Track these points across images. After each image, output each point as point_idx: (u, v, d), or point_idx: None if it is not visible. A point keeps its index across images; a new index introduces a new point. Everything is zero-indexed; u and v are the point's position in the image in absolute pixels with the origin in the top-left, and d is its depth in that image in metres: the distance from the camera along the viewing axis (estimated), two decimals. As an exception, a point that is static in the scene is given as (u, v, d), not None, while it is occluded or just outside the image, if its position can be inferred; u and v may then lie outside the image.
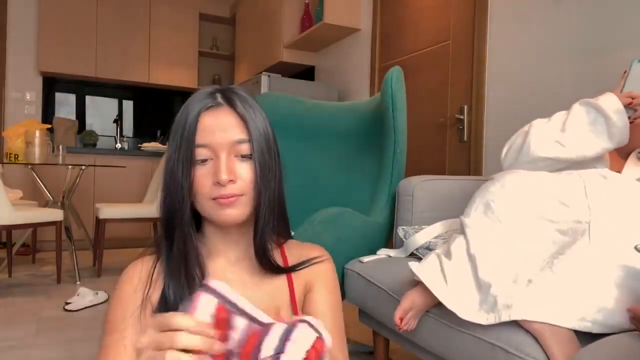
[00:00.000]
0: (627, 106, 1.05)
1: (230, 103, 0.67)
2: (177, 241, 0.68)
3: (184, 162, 0.65)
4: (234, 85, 0.72)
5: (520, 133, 1.16)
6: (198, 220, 0.73)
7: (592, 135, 1.05)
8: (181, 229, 0.68)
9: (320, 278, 0.76)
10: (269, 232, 0.71)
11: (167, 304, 0.66)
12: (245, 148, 0.66)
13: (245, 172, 0.66)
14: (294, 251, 0.78)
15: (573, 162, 1.07)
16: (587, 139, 1.06)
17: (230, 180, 0.64)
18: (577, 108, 1.09)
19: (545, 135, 1.09)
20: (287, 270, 0.73)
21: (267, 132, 0.69)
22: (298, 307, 0.73)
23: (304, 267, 0.75)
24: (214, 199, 0.65)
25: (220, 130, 0.65)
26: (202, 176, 0.65)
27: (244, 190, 0.66)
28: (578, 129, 1.06)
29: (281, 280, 0.74)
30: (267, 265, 0.71)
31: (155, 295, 0.68)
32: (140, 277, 0.70)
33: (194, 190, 0.66)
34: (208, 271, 0.71)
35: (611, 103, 1.04)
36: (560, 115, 1.12)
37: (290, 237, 0.81)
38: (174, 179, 0.66)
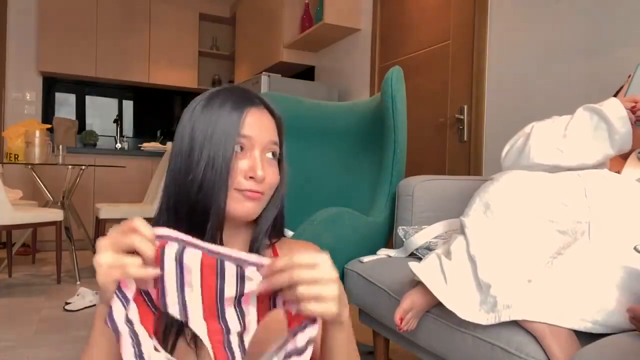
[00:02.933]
0: (630, 110, 1.04)
1: (266, 106, 0.71)
2: (210, 230, 0.66)
3: (224, 151, 0.64)
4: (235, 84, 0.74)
5: (521, 134, 1.16)
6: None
7: (594, 142, 1.04)
8: (217, 217, 0.65)
9: None
10: (267, 233, 0.72)
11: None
12: (276, 150, 0.70)
13: (273, 174, 0.69)
14: (285, 249, 0.78)
15: (573, 168, 1.07)
16: (588, 146, 1.05)
17: (264, 177, 0.66)
18: (580, 113, 1.08)
19: (546, 141, 1.08)
20: None
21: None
22: None
23: None
24: (242, 190, 0.66)
25: (263, 127, 0.68)
26: (243, 164, 0.66)
27: (266, 190, 0.68)
28: (580, 135, 1.05)
29: None
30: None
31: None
32: None
33: (228, 177, 0.65)
34: None
35: (615, 109, 1.04)
36: (562, 120, 1.11)
37: (284, 236, 0.81)
38: (206, 166, 0.64)
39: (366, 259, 1.43)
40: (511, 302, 0.85)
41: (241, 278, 0.52)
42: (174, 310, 0.52)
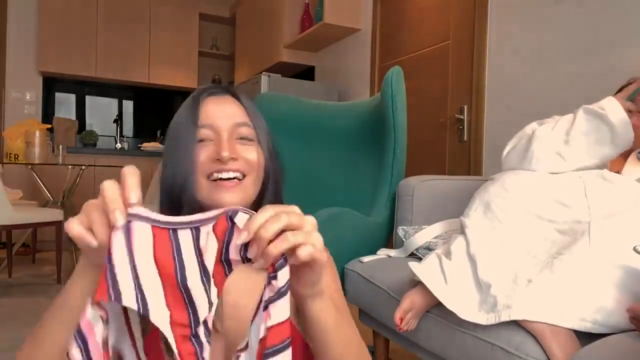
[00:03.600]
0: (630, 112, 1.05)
1: (233, 93, 0.69)
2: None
3: (185, 141, 0.64)
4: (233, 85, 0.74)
5: (522, 136, 1.15)
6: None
7: (596, 145, 1.05)
8: (189, 206, 0.64)
9: None
10: None
11: None
12: (246, 131, 0.66)
13: (248, 153, 0.65)
14: None
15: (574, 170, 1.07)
16: (590, 150, 1.05)
17: (232, 158, 0.63)
18: (581, 116, 1.08)
19: (547, 148, 1.08)
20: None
21: (267, 129, 0.70)
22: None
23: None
24: (214, 180, 0.63)
25: (224, 113, 0.66)
26: (204, 153, 0.64)
27: (246, 170, 0.64)
28: (581, 140, 1.06)
29: None
30: None
31: None
32: None
33: (197, 169, 0.64)
34: None
35: (615, 110, 1.04)
36: (563, 123, 1.11)
37: None
38: (174, 158, 0.65)
39: (366, 259, 1.43)
40: (511, 302, 0.85)
41: (197, 241, 0.46)
42: (130, 300, 0.42)
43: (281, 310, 0.45)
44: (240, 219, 0.46)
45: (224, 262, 0.47)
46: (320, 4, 3.21)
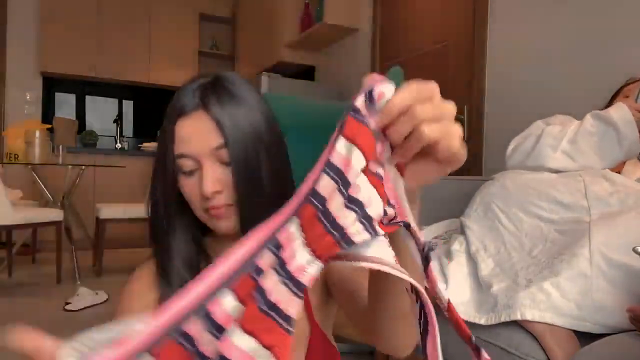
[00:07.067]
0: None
1: (205, 105, 0.59)
2: (163, 254, 0.66)
3: (165, 173, 0.61)
4: (226, 73, 0.65)
5: (528, 135, 1.15)
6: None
7: (603, 149, 1.05)
8: (165, 238, 0.65)
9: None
10: None
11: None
12: (224, 154, 0.59)
13: (230, 179, 0.60)
14: None
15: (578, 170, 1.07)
16: (597, 152, 1.06)
17: (217, 192, 0.59)
18: (588, 120, 1.09)
19: (555, 147, 1.08)
20: None
21: (256, 127, 0.61)
22: (316, 315, 0.69)
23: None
24: (207, 209, 0.61)
25: (198, 138, 0.59)
26: (191, 188, 0.61)
27: (233, 199, 0.61)
28: (589, 142, 1.06)
29: None
30: None
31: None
32: (148, 278, 0.68)
33: (189, 203, 0.63)
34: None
35: (623, 115, 1.04)
36: (572, 125, 1.11)
37: None
38: (154, 191, 0.64)
39: (366, 259, 1.42)
40: (511, 302, 0.85)
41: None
42: None
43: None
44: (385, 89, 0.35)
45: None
46: (320, 4, 3.21)
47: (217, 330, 0.32)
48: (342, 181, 0.34)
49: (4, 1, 4.20)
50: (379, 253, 0.34)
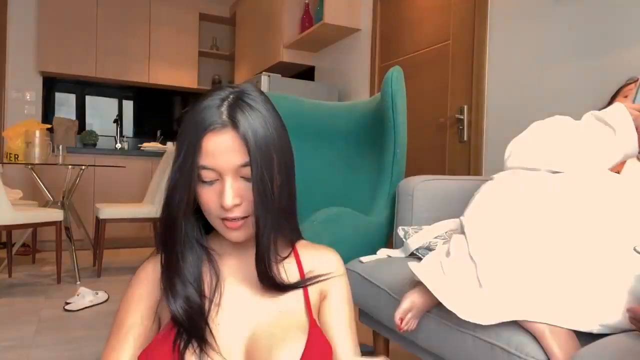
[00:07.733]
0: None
1: (234, 123, 0.63)
2: (171, 253, 0.69)
3: (185, 181, 0.65)
4: (242, 84, 0.70)
5: (527, 136, 1.15)
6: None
7: (601, 149, 1.05)
8: (172, 244, 0.69)
9: (336, 288, 0.79)
10: (272, 253, 0.70)
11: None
12: (246, 171, 0.64)
13: (250, 193, 0.65)
14: (307, 254, 0.78)
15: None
16: (595, 153, 1.05)
17: (236, 205, 0.64)
18: (587, 120, 1.08)
19: (553, 149, 1.08)
20: (294, 287, 0.73)
21: (273, 144, 0.66)
22: (313, 312, 0.73)
23: (315, 282, 0.75)
24: (222, 218, 0.66)
25: (225, 154, 0.63)
26: (210, 196, 0.65)
27: (249, 212, 0.66)
28: (587, 143, 1.06)
29: None
30: (272, 287, 0.71)
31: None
32: (152, 278, 0.72)
33: (203, 208, 0.67)
34: (220, 270, 0.72)
35: (621, 116, 1.04)
36: (570, 127, 1.11)
37: (301, 237, 0.80)
38: (173, 195, 0.66)
39: (366, 259, 1.43)
40: (511, 302, 0.85)
41: None
42: None
43: None
44: None
45: None
46: (320, 4, 3.21)
47: None
48: None
49: (4, 1, 4.20)
50: None
